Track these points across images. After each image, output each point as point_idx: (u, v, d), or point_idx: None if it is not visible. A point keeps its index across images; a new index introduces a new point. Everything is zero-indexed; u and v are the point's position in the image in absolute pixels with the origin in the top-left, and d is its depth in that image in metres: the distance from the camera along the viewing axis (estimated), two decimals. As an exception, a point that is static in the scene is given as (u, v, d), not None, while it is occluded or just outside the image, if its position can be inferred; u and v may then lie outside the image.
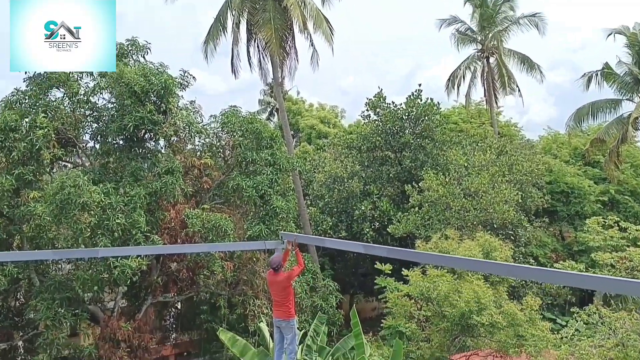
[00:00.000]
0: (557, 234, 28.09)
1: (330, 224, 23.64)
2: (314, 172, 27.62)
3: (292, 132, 40.48)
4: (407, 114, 25.14)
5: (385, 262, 17.78)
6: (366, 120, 26.75)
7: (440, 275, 15.10)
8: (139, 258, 14.05)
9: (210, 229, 15.34)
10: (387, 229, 21.97)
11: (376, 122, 25.81)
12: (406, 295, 16.47)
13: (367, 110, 26.09)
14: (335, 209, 24.62)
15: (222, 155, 18.86)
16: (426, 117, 24.92)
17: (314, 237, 18.44)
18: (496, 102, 31.90)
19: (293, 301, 8.31)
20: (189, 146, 18.24)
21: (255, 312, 16.45)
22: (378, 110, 25.69)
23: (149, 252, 14.34)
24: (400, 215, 22.10)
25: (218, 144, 18.73)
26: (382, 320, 17.67)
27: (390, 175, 24.65)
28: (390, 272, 17.76)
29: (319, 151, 30.82)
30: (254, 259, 17.05)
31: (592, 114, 25.46)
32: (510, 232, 21.58)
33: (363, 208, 23.32)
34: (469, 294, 14.10)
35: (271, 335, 11.34)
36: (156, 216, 15.64)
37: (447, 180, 21.22)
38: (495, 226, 20.55)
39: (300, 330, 11.95)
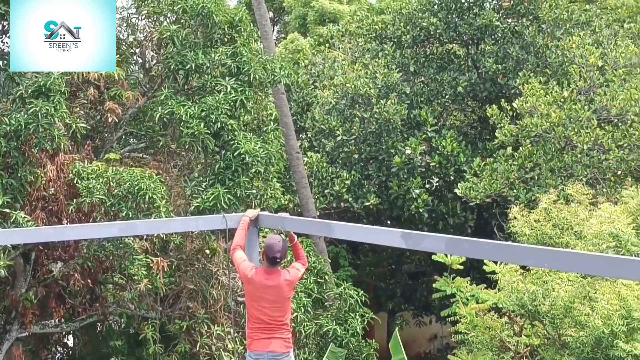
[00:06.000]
0: None
1: (348, 182, 23.60)
2: (316, 87, 27.37)
3: (271, 14, 40.00)
4: (487, -29, 24.88)
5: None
6: (411, -12, 26.42)
7: (556, 271, 15.03)
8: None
9: (123, 197, 15.31)
10: (455, 190, 21.89)
11: (430, -11, 25.54)
12: (493, 309, 16.38)
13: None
14: (356, 155, 24.55)
15: (140, 61, 18.59)
16: (524, -23, 24.64)
17: (313, 220, 18.14)
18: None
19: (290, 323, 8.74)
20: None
21: (214, 348, 16.50)
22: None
23: (8, 242, 14.24)
24: (478, 163, 22.00)
25: (132, 39, 18.49)
26: (449, 358, 17.74)
27: (459, 88, 24.46)
28: (461, 266, 17.70)
29: (322, 48, 30.53)
30: (207, 251, 17.07)
31: None
32: (685, 187, 21.49)
33: (409, 151, 23.23)
34: (610, 302, 14.03)
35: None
36: (20, 177, 15.54)
37: (565, 94, 21.00)
38: (657, 177, 20.45)
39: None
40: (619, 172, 20.15)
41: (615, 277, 12.73)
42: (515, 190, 20.51)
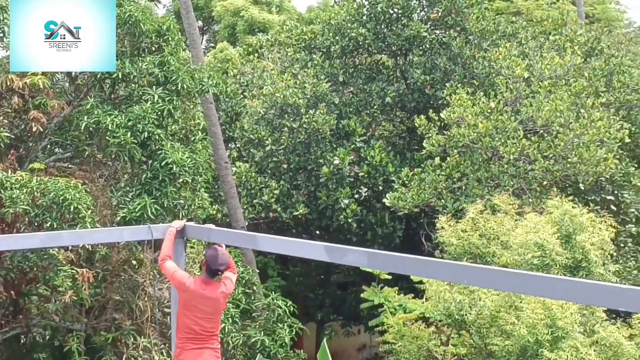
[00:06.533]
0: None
1: (277, 192, 23.55)
2: (245, 97, 27.29)
3: (200, 23, 39.88)
4: (415, -16, 25.04)
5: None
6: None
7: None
8: None
9: (47, 207, 15.10)
10: (384, 200, 21.95)
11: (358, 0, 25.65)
12: (420, 318, 16.45)
13: (341, -22, 25.85)
14: (285, 165, 24.53)
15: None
16: (451, -11, 24.85)
17: (239, 232, 17.85)
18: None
19: None
20: (1, 52, 17.77)
21: (140, 359, 16.32)
22: (362, -22, 25.47)
23: None
24: (406, 173, 22.09)
25: (57, 46, 18.14)
26: (378, 368, 17.80)
27: (387, 99, 24.57)
28: (389, 276, 17.76)
29: (252, 57, 30.49)
30: (134, 262, 16.90)
31: None
32: (609, 197, 21.78)
33: (337, 161, 23.24)
34: (535, 311, 14.17)
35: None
36: (-58, 187, 15.24)
37: (492, 105, 21.18)
38: (582, 187, 20.70)
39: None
40: (545, 183, 20.38)
41: (535, 295, 12.87)
42: (442, 200, 20.62)
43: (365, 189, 23.68)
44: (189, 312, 8.37)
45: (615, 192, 22.09)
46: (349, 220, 22.73)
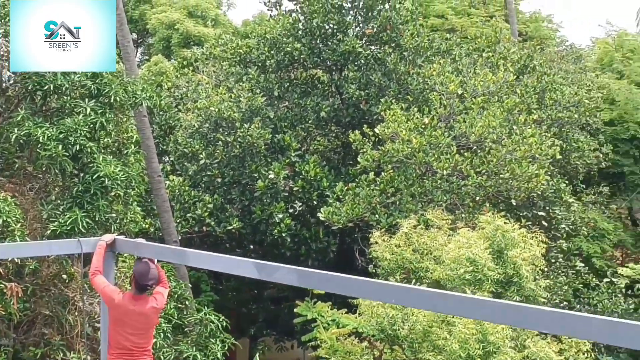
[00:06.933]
0: (625, 214, 28.95)
1: (211, 206, 23.45)
2: (179, 110, 27.18)
3: (134, 36, 39.69)
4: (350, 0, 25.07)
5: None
6: (275, 13, 26.45)
7: (414, 296, 15.21)
8: None
9: (-25, 221, 14.81)
10: (318, 214, 21.96)
11: (294, 14, 25.65)
12: (353, 334, 16.45)
13: (277, -7, 25.90)
14: (220, 179, 24.44)
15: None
16: (386, 6, 24.94)
17: (169, 247, 17.58)
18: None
19: None
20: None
21: (69, 375, 16.06)
22: (297, -7, 25.51)
23: None
24: (341, 188, 22.12)
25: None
26: (311, 383, 17.77)
27: (322, 113, 24.60)
28: (322, 291, 17.73)
29: (186, 71, 30.38)
30: (64, 276, 16.68)
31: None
32: (541, 213, 22.02)
33: (272, 176, 23.20)
34: (466, 326, 14.27)
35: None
36: None
37: (426, 120, 21.32)
38: (514, 203, 20.91)
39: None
40: (477, 198, 20.56)
41: (463, 316, 12.98)
42: (376, 215, 20.68)
43: (300, 204, 23.68)
44: (120, 328, 8.28)
45: (547, 208, 22.37)
46: (283, 235, 22.69)
